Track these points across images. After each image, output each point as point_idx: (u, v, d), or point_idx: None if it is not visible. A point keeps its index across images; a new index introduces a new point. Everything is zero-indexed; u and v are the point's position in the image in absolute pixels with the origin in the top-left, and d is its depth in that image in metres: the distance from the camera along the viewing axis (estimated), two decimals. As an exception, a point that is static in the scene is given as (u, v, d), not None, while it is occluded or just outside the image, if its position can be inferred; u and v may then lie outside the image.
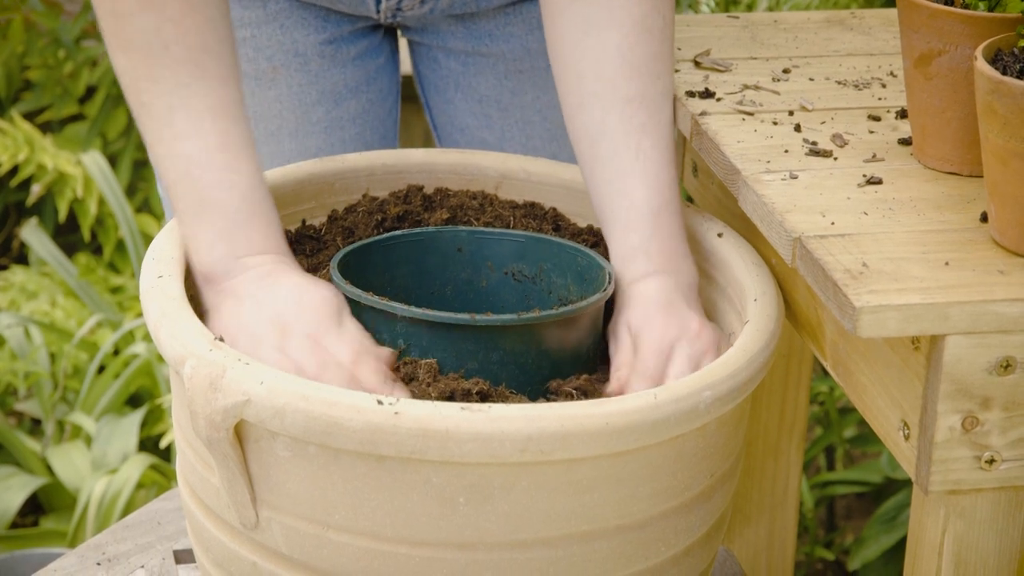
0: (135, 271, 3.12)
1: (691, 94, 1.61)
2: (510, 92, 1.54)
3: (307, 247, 1.57)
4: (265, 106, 1.76)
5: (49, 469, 2.72)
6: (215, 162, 1.39)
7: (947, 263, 1.30)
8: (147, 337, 2.87)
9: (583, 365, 1.43)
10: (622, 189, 1.46)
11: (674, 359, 1.40)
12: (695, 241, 1.56)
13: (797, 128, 1.54)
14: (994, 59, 1.33)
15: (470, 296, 1.55)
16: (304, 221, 1.59)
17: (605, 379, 1.44)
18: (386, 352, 1.36)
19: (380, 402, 1.24)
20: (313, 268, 1.54)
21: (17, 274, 3.12)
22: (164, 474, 2.66)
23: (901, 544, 2.44)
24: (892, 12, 1.83)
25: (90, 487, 2.56)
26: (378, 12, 1.76)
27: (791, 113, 1.58)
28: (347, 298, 1.41)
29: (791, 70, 1.68)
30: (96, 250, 3.41)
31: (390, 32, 1.84)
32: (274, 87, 1.75)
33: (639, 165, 1.46)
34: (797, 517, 1.90)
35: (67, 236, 3.44)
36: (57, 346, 2.89)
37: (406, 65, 2.33)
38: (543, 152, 1.84)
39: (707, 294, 1.55)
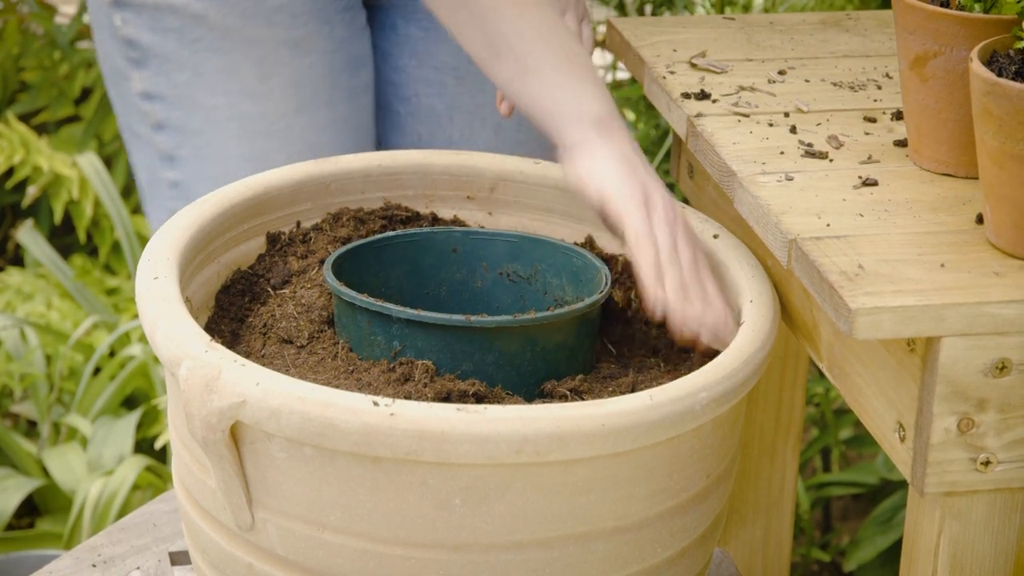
0: (131, 273, 3.11)
1: (687, 96, 1.61)
2: (468, 60, 1.56)
3: (300, 249, 1.56)
4: (300, 73, 1.79)
5: (45, 471, 2.72)
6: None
7: (943, 265, 1.30)
8: (143, 339, 2.87)
9: (579, 366, 1.43)
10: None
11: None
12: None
13: (793, 130, 1.54)
14: (990, 61, 1.33)
15: (465, 297, 1.55)
16: (299, 223, 1.59)
17: (601, 380, 1.43)
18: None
19: (376, 403, 1.24)
20: (306, 269, 1.54)
21: (13, 276, 3.12)
22: (160, 476, 2.66)
23: (897, 546, 2.44)
24: (888, 14, 1.83)
25: (86, 489, 2.56)
26: None
27: (787, 115, 1.58)
28: (342, 300, 1.41)
29: (787, 72, 1.68)
30: (92, 252, 3.41)
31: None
32: (308, 55, 1.78)
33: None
34: (793, 518, 1.90)
35: (63, 238, 3.44)
36: (53, 348, 2.88)
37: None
38: (490, 120, 1.87)
39: (703, 295, 1.54)
